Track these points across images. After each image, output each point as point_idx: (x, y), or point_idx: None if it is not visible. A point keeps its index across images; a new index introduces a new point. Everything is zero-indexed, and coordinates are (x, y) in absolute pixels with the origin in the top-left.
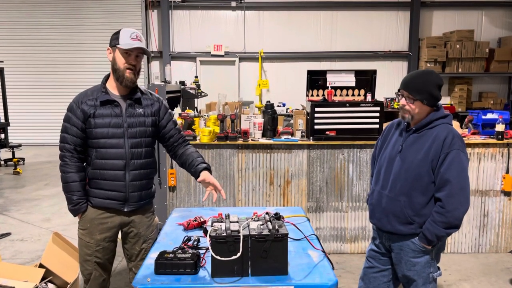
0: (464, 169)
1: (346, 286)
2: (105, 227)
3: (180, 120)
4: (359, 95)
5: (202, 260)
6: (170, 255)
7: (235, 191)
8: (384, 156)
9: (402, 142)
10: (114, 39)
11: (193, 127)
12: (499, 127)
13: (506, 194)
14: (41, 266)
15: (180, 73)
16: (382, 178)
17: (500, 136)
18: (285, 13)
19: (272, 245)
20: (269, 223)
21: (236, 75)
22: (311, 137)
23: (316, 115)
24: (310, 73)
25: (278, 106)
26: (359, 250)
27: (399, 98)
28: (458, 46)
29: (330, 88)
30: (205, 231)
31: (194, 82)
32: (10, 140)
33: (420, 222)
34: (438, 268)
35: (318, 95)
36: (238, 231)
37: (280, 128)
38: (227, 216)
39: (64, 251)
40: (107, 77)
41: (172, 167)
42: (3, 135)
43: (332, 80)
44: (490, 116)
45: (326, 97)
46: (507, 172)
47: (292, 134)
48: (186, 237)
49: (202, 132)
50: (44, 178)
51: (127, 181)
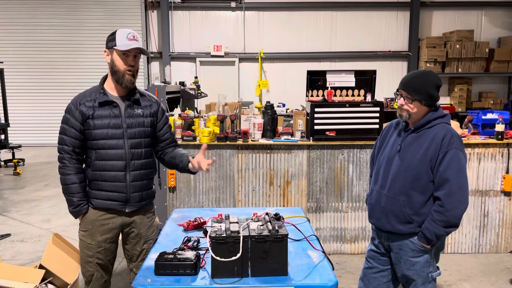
0: (462, 168)
1: (346, 286)
2: (106, 228)
3: (180, 121)
4: (359, 95)
5: (202, 261)
6: (170, 256)
7: (235, 191)
8: (383, 156)
9: (401, 142)
10: (110, 40)
11: (193, 127)
12: (499, 127)
13: (506, 194)
14: (41, 267)
15: (180, 73)
16: (381, 177)
17: (500, 136)
18: (284, 13)
19: (272, 245)
20: (269, 223)
21: (236, 75)
22: (311, 137)
23: (316, 115)
24: (310, 73)
25: (278, 106)
26: (359, 250)
27: (397, 98)
28: (458, 46)
29: (330, 89)
30: (205, 232)
31: (194, 83)
32: (10, 141)
33: (419, 221)
34: (438, 267)
35: (318, 96)
36: (238, 232)
37: (280, 128)
38: (227, 217)
39: (64, 252)
40: (105, 78)
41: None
42: (3, 136)
43: (332, 80)
44: (490, 116)
45: (326, 97)
46: (507, 172)
47: (292, 135)
48: (186, 237)
49: (202, 133)
50: (44, 179)
51: (128, 181)
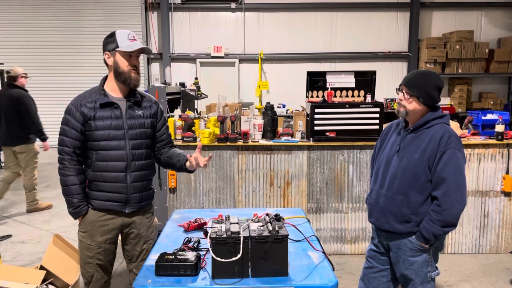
0: (460, 167)
1: (346, 287)
2: (106, 229)
3: (180, 122)
4: (358, 96)
5: (203, 261)
6: (171, 257)
7: (235, 192)
8: (382, 156)
9: (400, 142)
10: (110, 42)
11: (193, 128)
12: (499, 128)
13: (506, 194)
14: (41, 268)
15: (180, 74)
16: (380, 177)
17: (500, 137)
18: (284, 14)
19: (273, 246)
20: (269, 224)
21: (236, 76)
22: (311, 138)
23: (316, 116)
24: (310, 74)
25: (278, 107)
26: (359, 251)
27: (398, 93)
28: (457, 47)
29: (330, 89)
30: (205, 233)
31: (194, 84)
32: None
33: (417, 220)
34: (436, 268)
35: (318, 96)
36: (239, 233)
37: (280, 129)
38: (227, 218)
39: (64, 253)
40: (104, 79)
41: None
42: None
43: (331, 81)
44: (490, 116)
45: (326, 98)
46: (507, 172)
47: (292, 135)
48: (187, 238)
49: (202, 134)
50: (44, 180)
51: (128, 182)
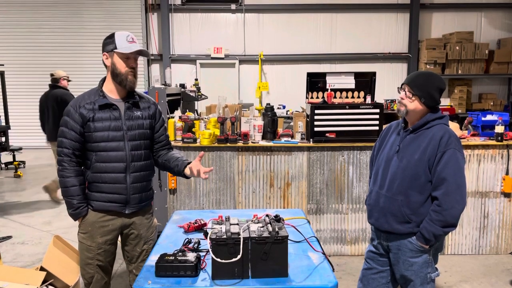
0: (460, 168)
1: None
2: (106, 230)
3: (180, 123)
4: (358, 97)
5: (203, 262)
6: (171, 258)
7: (236, 193)
8: (382, 156)
9: (399, 142)
10: (109, 43)
11: (193, 129)
12: (499, 129)
13: (506, 195)
14: (42, 269)
15: (180, 75)
16: (379, 178)
17: (499, 138)
18: (284, 15)
19: (272, 247)
20: (269, 225)
21: (236, 77)
22: (311, 139)
23: (316, 117)
24: (310, 75)
25: (278, 108)
26: (359, 252)
27: (400, 92)
28: (457, 48)
29: (329, 90)
30: (205, 234)
31: (194, 85)
32: (10, 143)
33: (418, 221)
34: (436, 268)
35: (318, 97)
36: (238, 234)
37: (280, 130)
38: (227, 219)
39: (65, 254)
40: (103, 80)
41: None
42: (3, 138)
43: (331, 82)
44: (489, 117)
45: (326, 99)
46: (507, 173)
47: (292, 136)
48: (187, 239)
49: (202, 135)
50: (44, 181)
51: (128, 183)
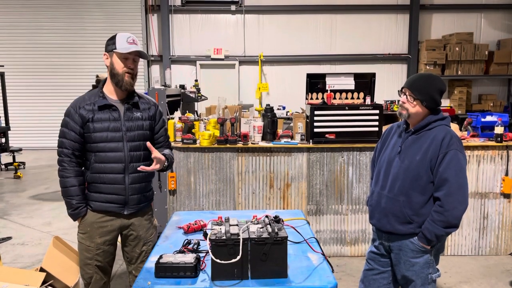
0: (462, 168)
1: None
2: (105, 230)
3: (180, 124)
4: (358, 98)
5: (202, 263)
6: (170, 259)
7: (235, 194)
8: (384, 157)
9: (401, 143)
10: (110, 44)
11: (193, 130)
12: (498, 130)
13: (506, 196)
14: (41, 270)
15: (180, 76)
16: (381, 179)
17: (499, 139)
18: (284, 16)
19: (272, 248)
20: (268, 226)
21: (236, 78)
22: (311, 140)
23: (315, 118)
24: (310, 76)
25: (278, 109)
26: (359, 252)
27: (401, 96)
28: (457, 49)
29: (329, 91)
30: (205, 235)
31: (194, 86)
32: (10, 144)
33: (419, 221)
34: (437, 269)
35: (317, 98)
36: (238, 234)
37: (279, 131)
38: (227, 220)
39: (64, 255)
40: (104, 81)
41: (172, 171)
42: (3, 139)
43: (331, 83)
44: (489, 118)
45: (326, 100)
46: (507, 174)
47: (291, 137)
48: (186, 240)
49: (202, 136)
50: (44, 182)
51: (127, 184)
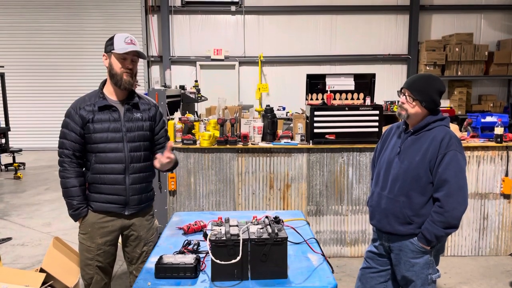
0: (461, 169)
1: None
2: (106, 231)
3: (180, 125)
4: (358, 98)
5: (202, 264)
6: (170, 259)
7: (235, 195)
8: (383, 158)
9: (401, 144)
10: (108, 45)
11: (193, 131)
12: (498, 130)
13: (506, 197)
14: (41, 270)
15: (180, 77)
16: (381, 179)
17: (499, 139)
18: (284, 17)
19: (272, 248)
20: (268, 226)
21: (236, 79)
22: (311, 140)
23: (315, 118)
24: (309, 77)
25: (278, 109)
26: (359, 253)
27: (400, 96)
28: (457, 49)
29: (329, 92)
30: (205, 235)
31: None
32: (10, 145)
33: (419, 222)
34: (437, 270)
35: (317, 99)
36: (238, 235)
37: (279, 132)
38: (227, 220)
39: (64, 256)
40: (104, 82)
41: (172, 171)
42: (3, 140)
43: (331, 84)
44: (489, 119)
45: (326, 100)
46: (506, 175)
47: (291, 138)
48: (186, 241)
49: (202, 136)
50: (44, 183)
51: (127, 184)
